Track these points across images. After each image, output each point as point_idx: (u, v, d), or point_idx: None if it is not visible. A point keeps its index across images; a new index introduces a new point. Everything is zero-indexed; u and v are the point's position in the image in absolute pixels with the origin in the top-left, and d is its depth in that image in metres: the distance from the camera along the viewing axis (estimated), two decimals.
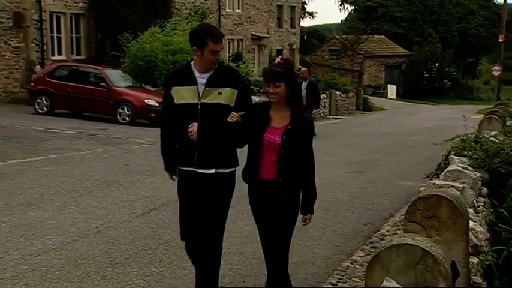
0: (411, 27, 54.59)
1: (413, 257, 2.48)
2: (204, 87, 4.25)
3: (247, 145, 4.28)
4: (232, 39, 32.50)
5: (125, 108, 17.45)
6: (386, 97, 43.40)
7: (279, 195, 4.07)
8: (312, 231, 7.00)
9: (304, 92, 17.02)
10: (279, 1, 38.25)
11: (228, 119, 4.14)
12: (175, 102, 4.33)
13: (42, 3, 20.66)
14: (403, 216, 4.37)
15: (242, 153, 4.36)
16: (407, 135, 19.12)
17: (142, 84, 19.20)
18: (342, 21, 61.84)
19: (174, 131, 4.43)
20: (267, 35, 35.79)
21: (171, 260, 5.73)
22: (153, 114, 16.62)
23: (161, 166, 4.75)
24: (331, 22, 67.68)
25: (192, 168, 4.32)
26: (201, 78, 4.28)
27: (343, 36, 46.65)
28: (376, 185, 10.21)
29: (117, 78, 18.16)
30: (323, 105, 25.92)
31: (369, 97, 35.78)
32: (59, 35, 21.83)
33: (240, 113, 4.15)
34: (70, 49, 22.21)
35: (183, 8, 26.49)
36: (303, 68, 19.61)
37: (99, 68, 18.58)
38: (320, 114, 25.27)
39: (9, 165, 9.94)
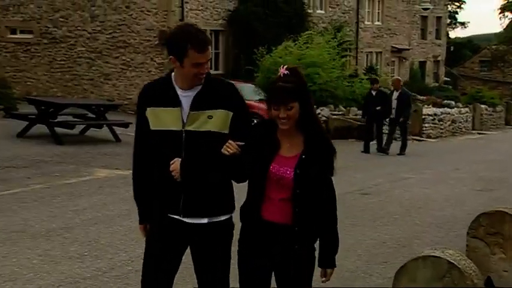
0: None
1: (440, 270, 2.34)
2: (188, 110, 3.15)
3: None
4: (371, 52, 32.12)
5: (254, 120, 17.90)
6: None
7: (294, 249, 3.11)
8: (417, 248, 6.72)
9: (394, 103, 15.39)
10: (423, 12, 37.14)
11: (223, 151, 3.08)
12: (151, 127, 3.18)
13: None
14: None
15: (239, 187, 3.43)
16: None
17: None
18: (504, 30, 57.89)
19: (151, 166, 3.26)
20: (408, 47, 34.91)
21: None
22: None
23: None
24: (491, 31, 63.46)
25: (177, 217, 3.20)
26: (186, 98, 3.16)
27: (493, 46, 44.18)
28: (503, 204, 9.49)
29: (249, 92, 18.70)
30: (465, 119, 24.73)
31: None
32: None
33: (238, 143, 3.11)
34: (210, 64, 23.22)
35: (320, 22, 26.63)
36: (395, 77, 18.57)
37: (232, 82, 19.24)
38: (461, 129, 24.12)
39: None
